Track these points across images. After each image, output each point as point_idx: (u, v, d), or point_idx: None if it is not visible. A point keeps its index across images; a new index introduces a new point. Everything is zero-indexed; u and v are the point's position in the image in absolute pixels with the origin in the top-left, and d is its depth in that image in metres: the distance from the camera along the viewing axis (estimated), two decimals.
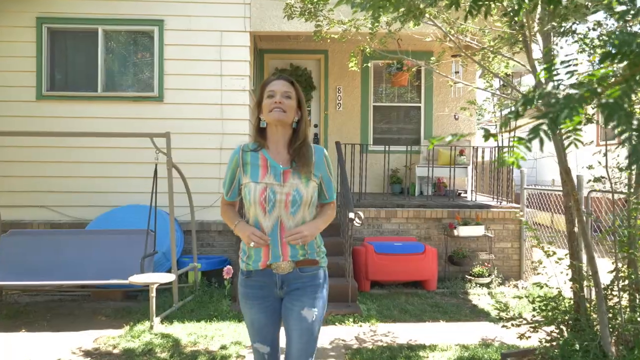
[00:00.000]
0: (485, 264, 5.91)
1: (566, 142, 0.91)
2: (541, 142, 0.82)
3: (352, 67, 4.38)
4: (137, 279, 3.90)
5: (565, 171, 2.56)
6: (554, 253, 3.12)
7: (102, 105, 5.77)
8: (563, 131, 0.86)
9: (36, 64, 5.71)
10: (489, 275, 5.82)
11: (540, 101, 0.87)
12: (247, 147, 2.03)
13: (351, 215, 4.52)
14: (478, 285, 5.74)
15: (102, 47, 5.78)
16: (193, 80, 5.79)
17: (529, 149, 0.84)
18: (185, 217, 5.56)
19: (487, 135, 0.90)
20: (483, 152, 6.87)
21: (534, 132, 0.81)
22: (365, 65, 4.48)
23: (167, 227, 4.80)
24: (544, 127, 0.80)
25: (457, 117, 7.51)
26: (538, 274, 3.23)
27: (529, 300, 3.18)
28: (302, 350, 1.95)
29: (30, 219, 5.71)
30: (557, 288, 3.11)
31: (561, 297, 2.95)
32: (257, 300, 1.99)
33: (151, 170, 4.75)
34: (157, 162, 4.63)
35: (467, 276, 5.85)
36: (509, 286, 5.90)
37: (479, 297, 5.46)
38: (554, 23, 2.35)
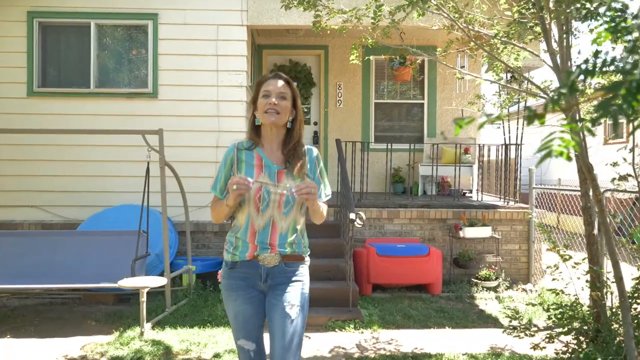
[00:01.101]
0: (492, 266, 5.69)
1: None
2: (615, 123, 0.61)
3: (353, 60, 4.17)
4: (127, 282, 3.70)
5: (587, 168, 2.33)
6: (570, 257, 2.90)
7: (95, 102, 5.57)
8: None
9: (27, 60, 5.52)
10: (496, 279, 5.60)
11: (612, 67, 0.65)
12: (242, 145, 2.02)
13: (352, 215, 4.31)
14: (485, 289, 5.52)
15: (95, 42, 5.58)
16: (188, 76, 5.59)
17: (593, 134, 0.63)
18: (180, 217, 5.36)
19: (532, 116, 0.68)
20: (489, 150, 6.64)
21: (603, 108, 0.59)
22: (366, 58, 4.27)
23: (161, 227, 4.60)
24: (617, 102, 0.58)
25: (463, 113, 7.28)
26: (554, 279, 3.01)
27: (543, 308, 2.94)
28: (287, 347, 1.91)
29: (21, 219, 5.52)
30: (574, 295, 2.89)
31: (579, 305, 2.73)
32: (242, 290, 1.97)
33: (143, 168, 4.55)
34: (150, 160, 4.42)
35: (473, 279, 5.63)
36: (517, 290, 5.68)
37: (486, 301, 5.24)
38: (577, 5, 2.13)
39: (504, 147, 6.31)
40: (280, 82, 1.98)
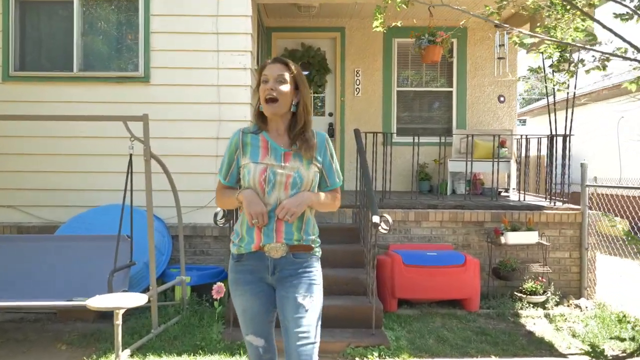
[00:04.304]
0: (539, 278, 4.83)
1: None
2: None
3: (376, 27, 3.42)
4: (97, 302, 2.98)
5: None
6: None
7: (79, 87, 4.88)
8: None
9: (1, 40, 4.86)
10: (544, 292, 4.74)
11: None
12: (248, 130, 1.99)
13: (376, 219, 3.52)
14: (531, 304, 4.68)
15: (79, 19, 4.89)
16: (184, 57, 4.86)
17: None
18: (175, 219, 4.63)
19: None
20: (528, 142, 5.76)
21: None
22: (386, 29, 3.49)
23: (154, 231, 3.87)
24: None
25: (502, 99, 6.42)
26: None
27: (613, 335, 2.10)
28: (303, 339, 1.83)
29: None
30: None
31: None
32: (249, 285, 1.92)
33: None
34: (133, 153, 3.70)
35: (516, 293, 4.79)
36: (568, 306, 4.81)
37: (533, 320, 4.40)
38: None
39: (549, 139, 5.44)
40: (278, 66, 1.92)
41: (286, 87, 1.89)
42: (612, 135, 10.57)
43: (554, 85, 4.63)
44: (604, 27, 2.68)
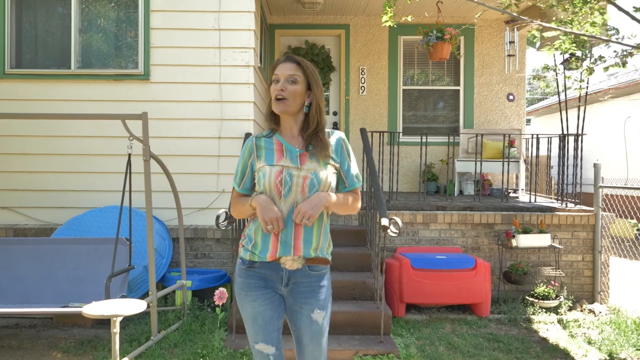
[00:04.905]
0: (552, 282, 4.68)
1: None
2: None
3: (385, 21, 3.24)
4: (93, 309, 2.83)
5: None
6: None
7: (77, 85, 4.74)
8: None
9: None
10: (556, 297, 4.59)
11: None
12: (261, 134, 1.94)
13: (385, 221, 3.37)
14: (543, 309, 4.52)
15: (77, 15, 4.76)
16: (185, 54, 4.72)
17: None
18: (176, 221, 4.49)
19: None
20: (538, 142, 5.61)
21: None
22: (396, 23, 3.33)
23: (153, 234, 3.72)
24: None
25: (511, 97, 6.26)
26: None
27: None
28: (316, 351, 1.90)
29: None
30: None
31: None
32: (261, 290, 1.84)
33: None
34: (132, 153, 3.56)
35: (527, 297, 4.63)
36: (581, 311, 4.66)
37: (547, 326, 4.24)
38: None
39: (560, 138, 5.28)
40: (290, 65, 1.85)
41: (297, 87, 1.83)
42: (618, 135, 10.40)
43: (573, 83, 4.47)
44: (632, 17, 2.52)
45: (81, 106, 4.68)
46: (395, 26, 3.42)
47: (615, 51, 3.05)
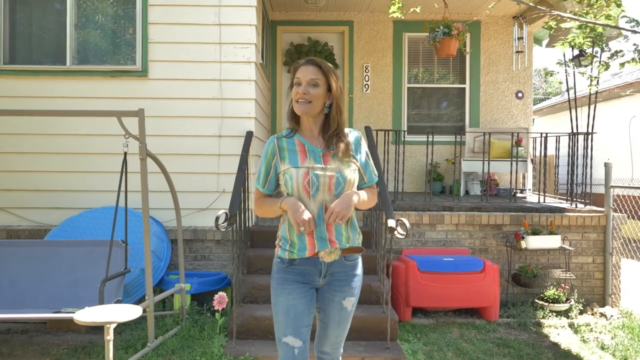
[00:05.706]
0: (562, 284, 4.54)
1: None
2: None
3: (393, 12, 3.11)
4: (85, 315, 2.69)
5: None
6: None
7: (73, 82, 4.60)
8: None
9: None
10: (567, 300, 4.45)
11: None
12: (281, 135, 1.99)
13: (392, 222, 3.23)
14: (553, 313, 4.39)
15: (72, 10, 4.61)
16: (185, 49, 4.57)
17: None
18: (174, 222, 4.35)
19: None
20: (546, 141, 5.46)
21: None
22: (403, 13, 3.18)
23: (150, 235, 3.58)
24: None
25: (520, 94, 6.11)
26: None
27: None
28: (340, 336, 2.03)
29: None
30: None
31: None
32: (297, 284, 1.92)
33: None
34: (127, 152, 3.41)
35: (537, 301, 4.50)
36: (592, 314, 4.52)
37: (557, 330, 4.10)
38: None
39: (570, 137, 5.14)
40: (311, 68, 1.91)
41: (318, 90, 1.90)
42: (623, 135, 10.26)
43: (587, 78, 4.32)
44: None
45: (77, 103, 4.54)
46: (402, 17, 3.27)
47: (635, 44, 2.92)
